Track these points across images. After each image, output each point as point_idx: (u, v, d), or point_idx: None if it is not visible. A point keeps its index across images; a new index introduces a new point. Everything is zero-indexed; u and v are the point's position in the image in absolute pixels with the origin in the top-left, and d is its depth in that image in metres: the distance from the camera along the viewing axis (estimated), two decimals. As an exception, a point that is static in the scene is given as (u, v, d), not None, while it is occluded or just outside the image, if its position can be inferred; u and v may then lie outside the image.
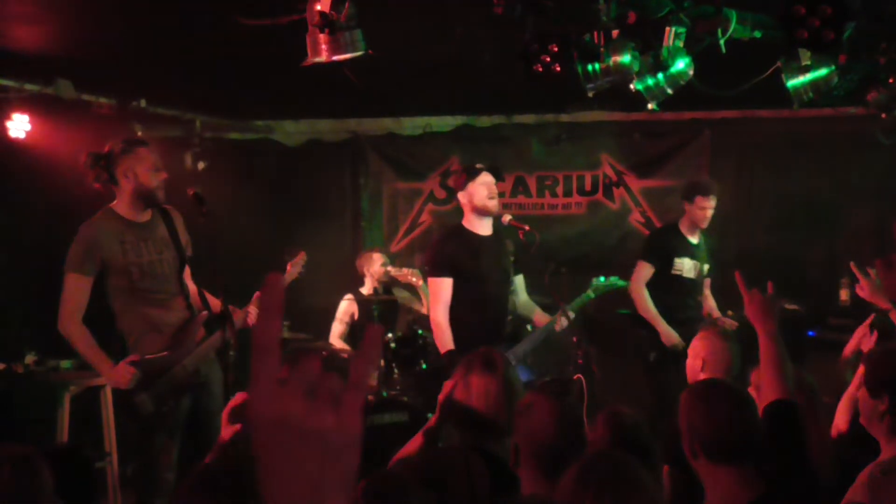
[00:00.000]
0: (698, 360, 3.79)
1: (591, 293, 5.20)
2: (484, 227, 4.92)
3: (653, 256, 5.96)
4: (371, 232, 7.68)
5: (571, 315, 4.93)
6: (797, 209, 7.22)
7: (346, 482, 0.76)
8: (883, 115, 5.62)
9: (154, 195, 4.14)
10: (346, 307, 6.55)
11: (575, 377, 5.32)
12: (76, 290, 4.00)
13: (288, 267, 4.69)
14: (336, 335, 6.58)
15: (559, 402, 2.67)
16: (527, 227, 5.38)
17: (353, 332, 6.57)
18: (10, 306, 5.19)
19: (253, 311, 4.43)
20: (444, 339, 4.69)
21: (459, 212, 7.44)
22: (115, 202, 4.15)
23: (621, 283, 5.37)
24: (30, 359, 5.53)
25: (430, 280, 4.86)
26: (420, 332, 5.63)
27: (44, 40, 4.95)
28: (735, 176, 7.36)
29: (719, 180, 7.25)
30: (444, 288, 4.76)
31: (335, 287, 6.99)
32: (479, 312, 4.80)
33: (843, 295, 6.59)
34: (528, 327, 5.42)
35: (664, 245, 5.99)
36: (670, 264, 5.88)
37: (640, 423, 2.85)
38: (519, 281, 5.15)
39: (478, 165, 4.96)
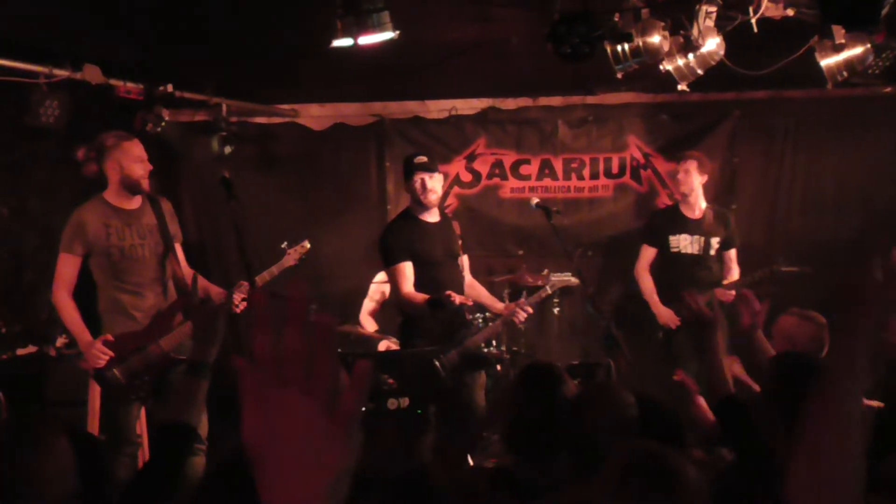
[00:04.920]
0: (785, 345, 3.74)
1: (547, 289, 5.28)
2: (431, 215, 5.06)
3: (649, 238, 6.28)
4: (397, 215, 7.67)
5: (530, 310, 5.01)
6: (828, 191, 7.13)
7: (335, 489, 0.76)
8: (918, 95, 5.53)
9: (138, 184, 4.52)
10: (377, 287, 6.62)
11: (603, 361, 5.33)
12: (65, 268, 4.46)
13: (289, 252, 4.89)
14: (366, 311, 6.72)
15: (614, 399, 2.63)
16: (555, 209, 5.41)
17: (384, 312, 6.64)
18: (41, 290, 5.25)
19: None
20: (417, 298, 4.79)
21: (485, 195, 7.48)
22: (106, 190, 4.56)
23: (573, 279, 5.52)
24: (60, 342, 5.60)
25: (391, 269, 4.94)
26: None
27: (72, 26, 4.98)
28: (764, 158, 7.27)
29: (748, 162, 7.20)
30: (406, 270, 4.88)
31: (361, 270, 7.00)
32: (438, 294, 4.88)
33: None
34: (480, 318, 5.49)
35: (657, 225, 6.31)
36: (667, 243, 6.11)
37: (669, 408, 2.83)
38: (464, 262, 5.25)
39: (417, 160, 5.01)
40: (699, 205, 6.13)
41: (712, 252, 6.10)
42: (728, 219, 6.20)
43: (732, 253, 6.19)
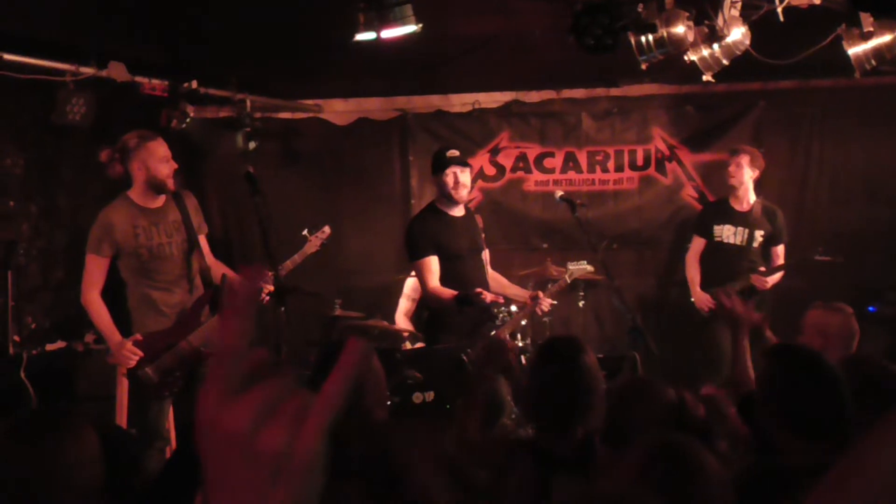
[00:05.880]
0: (817, 338, 3.71)
1: (566, 278, 5.29)
2: (456, 209, 5.07)
3: (697, 228, 6.45)
4: (421, 210, 7.66)
5: (550, 300, 5.09)
6: (856, 181, 7.04)
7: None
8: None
9: (164, 184, 4.52)
10: (414, 283, 6.19)
11: (628, 354, 5.30)
12: (94, 269, 4.44)
13: (311, 238, 4.92)
14: (402, 312, 6.48)
15: (653, 394, 2.64)
16: (579, 202, 5.40)
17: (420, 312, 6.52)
18: (70, 287, 5.31)
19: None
20: (445, 294, 4.81)
21: (509, 189, 7.46)
22: (131, 189, 4.54)
23: (590, 268, 5.56)
24: (89, 337, 5.66)
25: (417, 263, 4.95)
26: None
27: (97, 24, 5.02)
28: (791, 148, 7.20)
29: (775, 153, 7.12)
30: (432, 264, 4.90)
31: (385, 265, 7.01)
32: (464, 290, 4.87)
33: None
34: (504, 311, 5.47)
35: (705, 216, 6.49)
36: (711, 232, 6.27)
37: (695, 401, 2.82)
38: (486, 256, 5.27)
39: (449, 154, 5.00)
40: (748, 198, 6.17)
41: (755, 245, 6.16)
42: (776, 215, 6.21)
43: (780, 249, 6.22)
